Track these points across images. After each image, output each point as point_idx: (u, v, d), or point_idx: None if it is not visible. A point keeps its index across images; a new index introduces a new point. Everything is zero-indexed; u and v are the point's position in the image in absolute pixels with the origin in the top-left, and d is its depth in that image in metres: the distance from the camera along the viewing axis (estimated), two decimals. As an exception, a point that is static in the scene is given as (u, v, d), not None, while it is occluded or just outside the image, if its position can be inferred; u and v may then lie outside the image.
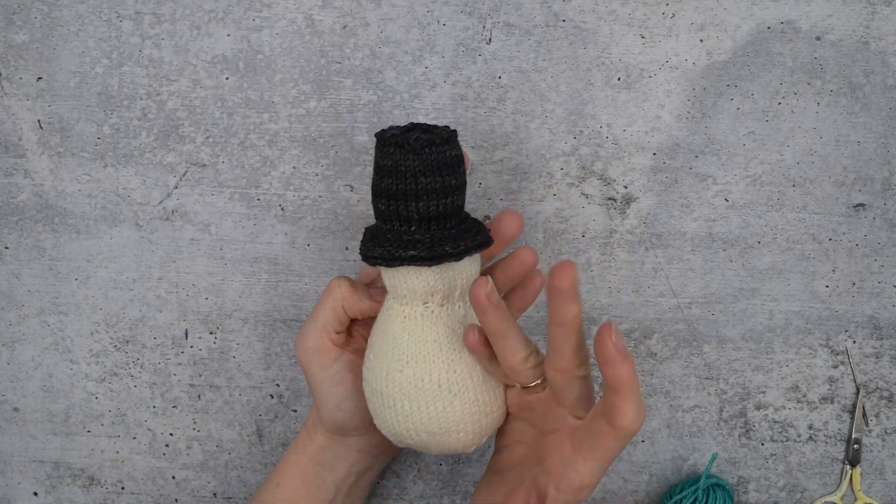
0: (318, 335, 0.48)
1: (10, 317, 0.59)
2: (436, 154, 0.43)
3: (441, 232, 0.44)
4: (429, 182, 0.43)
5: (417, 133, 0.43)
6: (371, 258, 0.44)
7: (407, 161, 0.43)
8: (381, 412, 0.46)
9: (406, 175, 0.43)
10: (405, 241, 0.43)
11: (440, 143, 0.43)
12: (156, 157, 0.57)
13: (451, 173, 0.44)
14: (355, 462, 0.51)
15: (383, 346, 0.46)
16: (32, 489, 0.60)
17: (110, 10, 0.56)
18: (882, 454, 0.58)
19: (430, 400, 0.45)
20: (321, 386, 0.49)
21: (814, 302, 0.58)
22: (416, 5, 0.56)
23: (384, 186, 0.44)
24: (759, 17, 0.56)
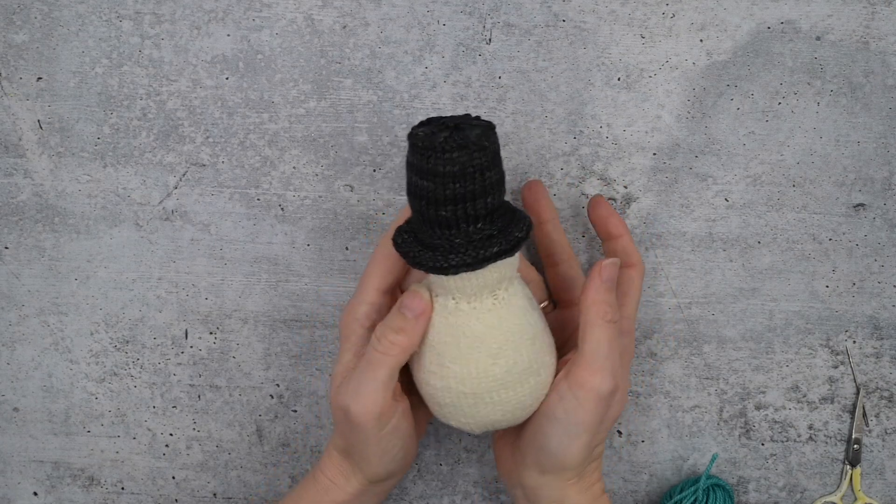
0: (381, 396, 0.44)
1: (10, 317, 0.59)
2: (479, 154, 0.41)
3: (490, 229, 0.43)
4: (476, 183, 0.41)
5: (455, 133, 0.41)
6: (429, 268, 0.43)
7: (450, 164, 0.40)
8: (472, 410, 0.46)
9: (452, 179, 0.40)
10: (456, 246, 0.42)
11: (482, 140, 0.41)
12: (156, 157, 0.57)
13: (494, 169, 0.42)
14: (382, 494, 0.51)
15: (463, 347, 0.44)
16: (32, 489, 0.60)
17: (110, 10, 0.56)
18: (882, 454, 0.58)
19: (524, 381, 0.46)
20: (378, 444, 0.46)
21: (814, 302, 0.58)
22: (416, 5, 0.56)
23: (427, 190, 0.41)
24: (759, 17, 0.56)
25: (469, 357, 0.45)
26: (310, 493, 0.49)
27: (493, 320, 0.45)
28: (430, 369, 0.46)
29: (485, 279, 0.44)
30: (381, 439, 0.45)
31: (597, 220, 0.52)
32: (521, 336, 0.45)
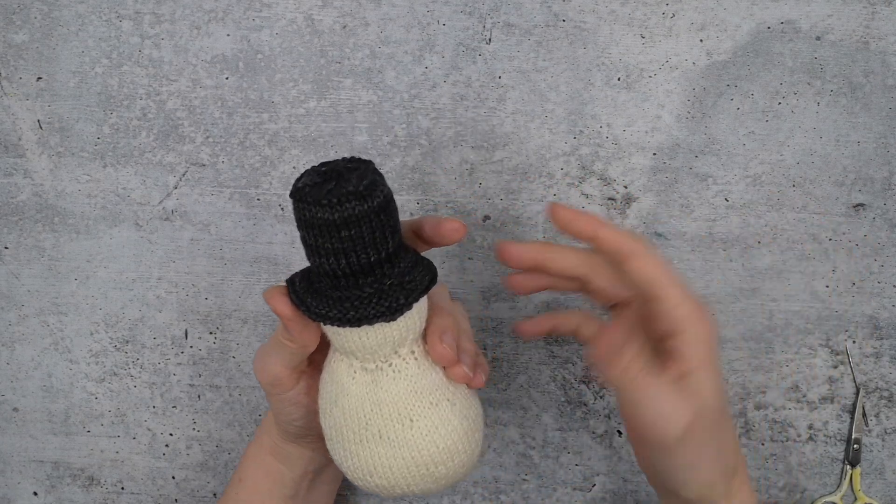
0: (277, 369, 0.45)
1: (10, 317, 0.59)
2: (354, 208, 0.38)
3: (392, 278, 0.40)
4: (353, 235, 0.38)
5: (335, 184, 0.38)
6: (330, 319, 0.40)
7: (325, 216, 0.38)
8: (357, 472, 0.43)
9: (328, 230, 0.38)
10: (359, 298, 0.39)
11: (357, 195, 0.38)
12: (155, 157, 0.57)
13: (375, 224, 0.38)
14: (310, 461, 0.50)
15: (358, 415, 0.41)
16: (32, 489, 0.60)
17: (110, 10, 0.56)
18: (882, 454, 0.58)
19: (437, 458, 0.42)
20: (276, 407, 0.47)
21: (814, 302, 0.58)
22: (416, 5, 0.56)
23: (305, 240, 0.39)
24: (759, 17, 0.56)
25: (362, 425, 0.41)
26: (253, 440, 0.51)
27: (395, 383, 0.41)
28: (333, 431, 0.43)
29: (370, 341, 0.40)
30: (279, 402, 0.46)
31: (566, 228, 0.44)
32: (421, 397, 0.42)
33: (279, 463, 0.50)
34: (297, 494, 0.51)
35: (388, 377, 0.41)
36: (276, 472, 0.50)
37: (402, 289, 0.40)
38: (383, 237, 0.39)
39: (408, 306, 0.40)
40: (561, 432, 0.59)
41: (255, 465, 0.50)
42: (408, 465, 0.42)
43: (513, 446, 0.59)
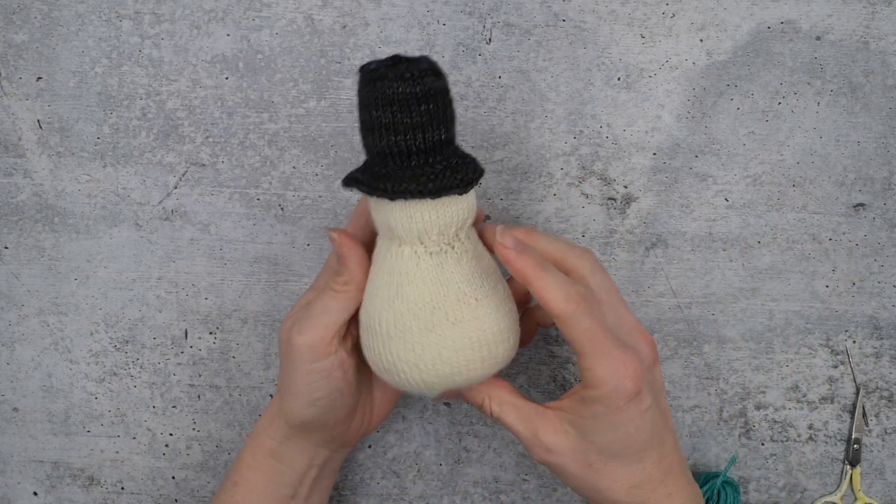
0: (326, 330, 0.45)
1: (10, 317, 0.59)
2: (432, 82, 0.41)
3: (445, 162, 0.42)
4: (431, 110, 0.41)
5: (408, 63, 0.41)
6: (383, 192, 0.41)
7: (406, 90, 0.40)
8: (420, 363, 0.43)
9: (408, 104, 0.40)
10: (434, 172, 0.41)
11: (432, 72, 0.41)
12: (155, 157, 0.57)
13: (446, 101, 0.42)
14: (315, 455, 0.50)
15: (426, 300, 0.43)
16: (32, 489, 0.60)
17: (110, 10, 0.56)
18: (882, 454, 0.58)
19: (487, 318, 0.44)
20: (304, 379, 0.46)
21: (814, 302, 0.58)
22: (416, 5, 0.56)
23: (381, 120, 0.41)
24: (759, 17, 0.56)
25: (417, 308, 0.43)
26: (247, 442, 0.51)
27: (453, 265, 0.43)
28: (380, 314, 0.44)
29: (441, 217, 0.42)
30: (309, 374, 0.45)
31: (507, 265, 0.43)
32: (482, 280, 0.44)
33: (279, 463, 0.50)
34: (298, 494, 0.50)
35: (453, 259, 0.43)
36: (274, 474, 0.50)
37: (468, 165, 0.42)
38: (452, 115, 0.42)
39: (477, 179, 0.42)
40: (561, 432, 0.59)
41: (251, 469, 0.50)
42: (473, 345, 0.43)
43: (513, 446, 0.59)
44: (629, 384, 0.41)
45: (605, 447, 0.43)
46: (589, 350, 0.41)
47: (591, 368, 0.42)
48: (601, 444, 0.43)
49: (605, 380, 0.41)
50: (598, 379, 0.41)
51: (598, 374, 0.41)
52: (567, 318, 0.41)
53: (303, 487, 0.51)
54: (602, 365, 0.41)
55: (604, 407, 0.42)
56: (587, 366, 0.42)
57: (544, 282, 0.41)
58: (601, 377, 0.41)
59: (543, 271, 0.42)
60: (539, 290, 0.42)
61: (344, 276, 0.45)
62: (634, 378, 0.41)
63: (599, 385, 0.41)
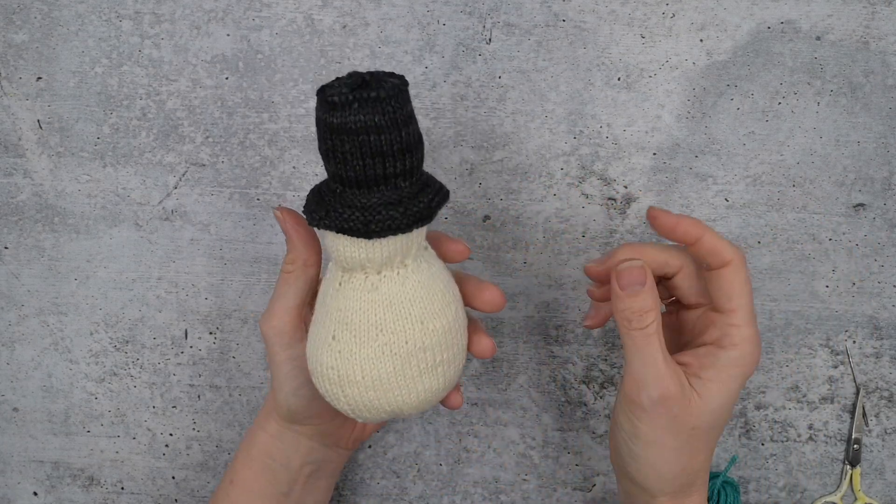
0: (286, 314, 0.45)
1: (10, 317, 0.59)
2: (390, 113, 0.38)
3: (409, 189, 0.40)
4: (391, 138, 0.38)
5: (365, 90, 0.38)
6: (348, 230, 0.39)
7: (359, 121, 0.37)
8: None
9: (357, 136, 0.38)
10: (381, 204, 0.39)
11: (392, 100, 0.38)
12: (155, 157, 0.57)
13: (408, 126, 0.39)
14: (309, 452, 0.50)
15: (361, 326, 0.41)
16: (32, 489, 0.60)
17: (110, 10, 0.56)
18: (882, 454, 0.58)
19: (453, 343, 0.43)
20: (282, 366, 0.46)
21: (814, 302, 0.58)
22: (416, 5, 0.56)
23: (329, 147, 0.39)
24: (759, 17, 0.56)
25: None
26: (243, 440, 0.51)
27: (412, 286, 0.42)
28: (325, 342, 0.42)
29: (391, 249, 0.40)
30: (284, 361, 0.45)
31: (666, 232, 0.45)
32: (442, 299, 0.42)
33: (274, 460, 0.49)
34: (292, 491, 0.50)
35: (395, 283, 0.42)
36: (268, 471, 0.50)
37: (417, 201, 0.40)
38: (410, 146, 0.39)
39: (420, 220, 0.40)
40: (561, 432, 0.59)
41: (246, 466, 0.50)
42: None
43: (513, 446, 0.59)
44: (754, 364, 0.43)
45: (714, 414, 0.43)
46: (744, 305, 0.43)
47: (741, 325, 0.43)
48: (714, 408, 0.43)
49: (751, 339, 0.43)
50: (744, 338, 0.43)
51: (745, 334, 0.43)
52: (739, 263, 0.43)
53: (297, 485, 0.50)
54: (750, 325, 0.43)
55: (737, 369, 0.43)
56: (737, 322, 0.43)
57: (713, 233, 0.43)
58: (747, 336, 0.43)
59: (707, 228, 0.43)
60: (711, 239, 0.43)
61: (291, 254, 0.45)
62: (758, 360, 0.43)
63: (743, 343, 0.43)
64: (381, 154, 0.39)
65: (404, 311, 0.42)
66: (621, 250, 0.45)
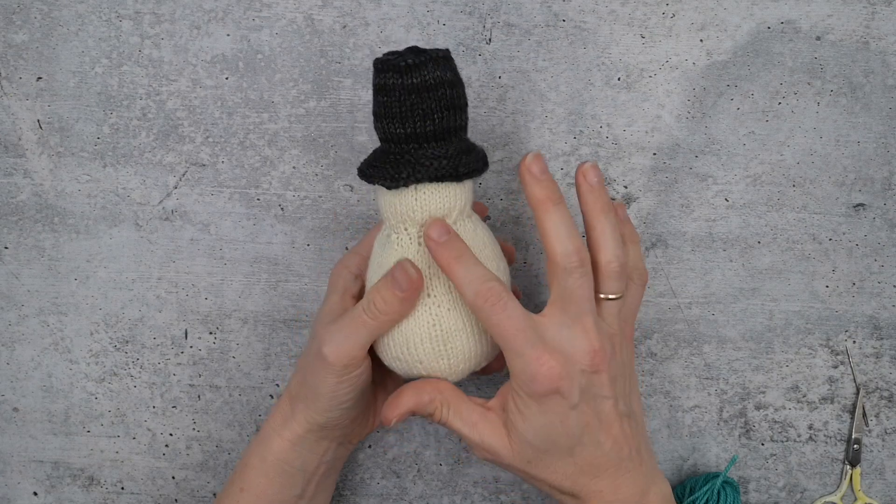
0: (356, 351, 0.46)
1: (10, 317, 0.59)
2: (427, 73, 0.43)
3: (445, 149, 0.44)
4: (433, 99, 0.43)
5: (410, 55, 0.43)
6: (398, 179, 0.44)
7: (396, 81, 0.43)
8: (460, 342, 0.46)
9: (409, 92, 0.43)
10: (430, 158, 0.44)
11: (433, 63, 0.43)
12: (155, 157, 0.57)
13: (452, 89, 0.44)
14: (325, 452, 0.51)
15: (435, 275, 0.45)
16: (32, 489, 0.60)
17: (110, 10, 0.56)
18: (882, 454, 0.58)
19: None
20: (333, 388, 0.47)
21: (814, 302, 0.58)
22: (416, 5, 0.56)
23: (386, 106, 0.43)
24: (759, 17, 0.56)
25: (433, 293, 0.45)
26: (253, 447, 0.51)
27: (481, 234, 0.46)
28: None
29: (443, 202, 0.44)
30: (339, 384, 0.47)
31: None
32: (488, 259, 0.46)
33: (291, 465, 0.50)
34: (305, 493, 0.51)
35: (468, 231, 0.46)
36: (283, 477, 0.50)
37: (452, 159, 0.44)
38: (450, 106, 0.44)
39: (451, 176, 0.44)
40: (561, 432, 0.59)
41: (259, 473, 0.50)
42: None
43: (513, 446, 0.59)
44: (543, 382, 0.42)
45: (535, 443, 0.44)
46: (501, 344, 0.43)
47: (508, 361, 0.43)
48: (532, 441, 0.44)
49: (517, 374, 0.43)
50: (513, 373, 0.43)
51: (512, 368, 0.43)
52: (475, 312, 0.43)
53: (310, 486, 0.51)
54: (514, 361, 0.43)
55: (522, 399, 0.43)
56: (506, 358, 0.44)
57: (455, 275, 0.43)
58: (514, 372, 0.43)
59: (458, 263, 0.43)
60: (453, 282, 0.44)
61: (396, 307, 0.45)
62: (550, 377, 0.42)
63: (515, 378, 0.43)
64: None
65: (482, 256, 0.45)
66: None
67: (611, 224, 0.45)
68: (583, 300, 0.43)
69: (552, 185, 0.44)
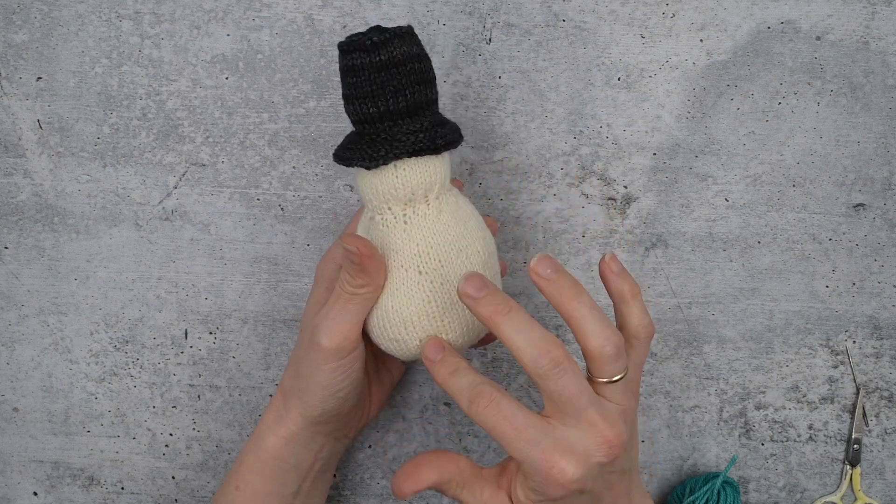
0: (352, 331, 0.46)
1: (10, 317, 0.59)
2: (392, 51, 0.42)
3: (415, 125, 0.43)
4: (399, 77, 0.42)
5: (376, 32, 0.42)
6: (377, 158, 0.43)
7: (360, 61, 0.42)
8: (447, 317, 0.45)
9: (363, 73, 0.42)
10: (406, 133, 0.43)
11: (397, 40, 0.42)
12: (155, 157, 0.57)
13: (417, 63, 0.43)
14: (321, 448, 0.51)
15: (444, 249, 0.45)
16: (32, 489, 0.60)
17: (110, 10, 0.56)
18: (882, 454, 0.58)
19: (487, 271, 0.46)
20: (328, 377, 0.46)
21: (814, 302, 0.58)
22: (416, 5, 0.56)
23: (354, 87, 0.43)
24: (759, 17, 0.56)
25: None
26: (248, 445, 0.51)
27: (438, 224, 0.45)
28: (394, 288, 0.45)
29: (424, 177, 0.44)
30: (332, 370, 0.46)
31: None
32: (468, 240, 0.45)
33: (286, 462, 0.50)
34: (301, 490, 0.51)
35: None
36: (279, 474, 0.50)
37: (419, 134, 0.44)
38: (417, 82, 0.43)
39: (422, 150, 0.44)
40: (561, 432, 0.59)
41: (254, 471, 0.50)
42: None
43: (513, 446, 0.59)
44: (561, 484, 0.40)
45: None
46: (505, 448, 0.41)
47: (518, 459, 0.40)
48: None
49: (529, 475, 0.40)
50: (524, 472, 0.41)
51: (523, 469, 0.41)
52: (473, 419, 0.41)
53: (306, 483, 0.51)
54: (523, 463, 0.40)
55: (537, 493, 0.41)
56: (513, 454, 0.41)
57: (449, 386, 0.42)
58: (525, 472, 0.41)
59: (451, 377, 0.42)
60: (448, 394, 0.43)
61: (361, 278, 0.45)
62: (569, 480, 0.40)
63: (528, 477, 0.41)
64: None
65: (466, 228, 0.45)
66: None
67: (586, 306, 0.41)
68: (575, 398, 0.40)
69: (496, 298, 0.41)
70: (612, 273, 0.44)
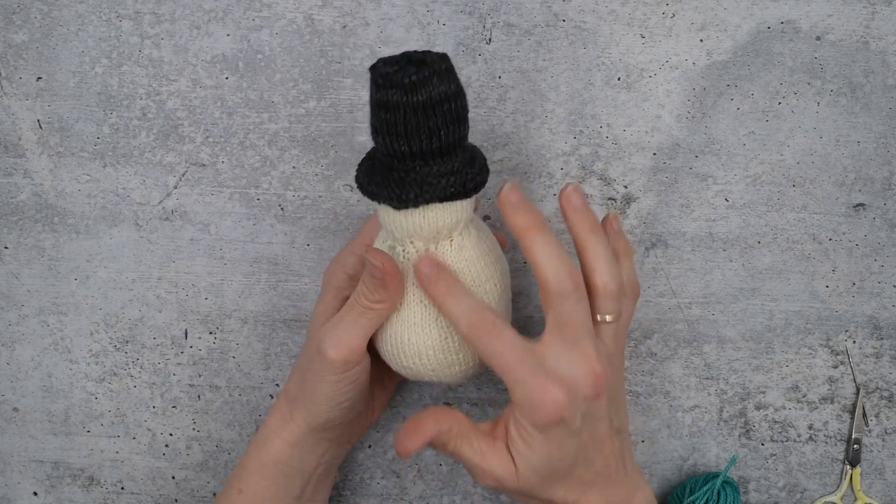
0: (361, 344, 0.46)
1: (10, 317, 0.59)
2: (430, 90, 0.40)
3: (461, 159, 0.42)
4: (453, 108, 0.41)
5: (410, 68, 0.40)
6: (406, 201, 0.42)
7: (399, 99, 0.40)
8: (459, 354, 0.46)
9: (401, 112, 0.40)
10: (437, 176, 0.42)
11: (436, 77, 0.40)
12: (155, 157, 0.57)
13: (455, 102, 0.41)
14: (325, 452, 0.51)
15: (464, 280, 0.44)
16: (32, 489, 0.60)
17: (110, 10, 0.56)
18: (882, 454, 0.58)
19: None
20: (333, 387, 0.47)
21: (814, 302, 0.58)
22: (416, 5, 0.56)
23: (387, 123, 0.41)
24: (759, 17, 0.56)
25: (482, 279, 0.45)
26: (251, 448, 0.51)
27: (460, 262, 0.44)
28: (413, 321, 0.45)
29: (450, 218, 0.43)
30: (338, 383, 0.46)
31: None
32: (486, 276, 0.45)
33: (290, 466, 0.50)
34: (304, 494, 0.51)
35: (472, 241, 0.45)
36: (282, 478, 0.50)
37: (453, 176, 0.42)
38: (452, 121, 0.41)
39: (456, 195, 0.43)
40: (561, 432, 0.59)
41: (257, 475, 0.50)
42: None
43: (513, 446, 0.59)
44: (548, 412, 0.41)
45: (540, 470, 0.43)
46: (500, 374, 0.42)
47: (510, 390, 0.42)
48: (537, 468, 0.43)
49: (520, 403, 0.41)
50: (515, 402, 0.42)
51: (514, 397, 0.42)
52: (471, 343, 0.42)
53: (309, 487, 0.51)
54: (515, 390, 0.41)
55: (526, 429, 0.42)
56: (508, 387, 0.42)
57: (448, 308, 0.42)
58: (517, 401, 0.42)
59: (449, 297, 0.43)
60: (447, 317, 0.43)
61: (381, 293, 0.45)
62: (555, 406, 0.41)
63: (517, 407, 0.42)
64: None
65: (486, 261, 0.45)
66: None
67: (602, 244, 0.43)
68: (580, 325, 0.42)
69: (533, 212, 0.42)
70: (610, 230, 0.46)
